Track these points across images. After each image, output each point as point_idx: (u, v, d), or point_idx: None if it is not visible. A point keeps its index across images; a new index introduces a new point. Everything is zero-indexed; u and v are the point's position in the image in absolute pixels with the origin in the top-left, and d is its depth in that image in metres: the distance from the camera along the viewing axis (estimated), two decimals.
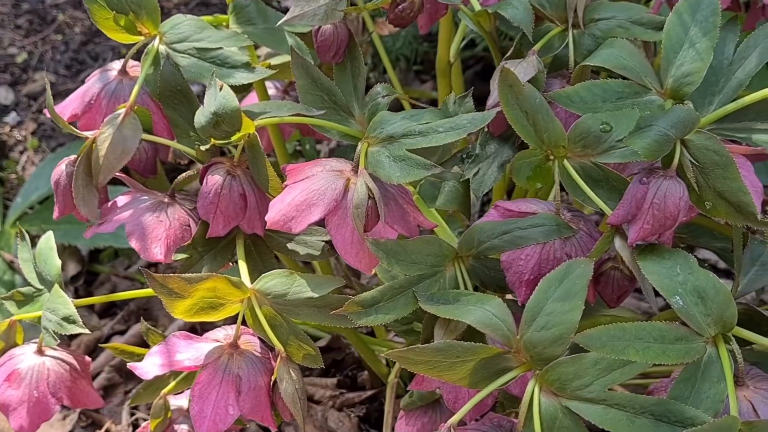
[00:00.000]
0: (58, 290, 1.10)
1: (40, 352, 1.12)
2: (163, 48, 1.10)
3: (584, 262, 0.88)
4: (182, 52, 1.10)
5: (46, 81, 1.05)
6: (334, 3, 1.04)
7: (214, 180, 1.01)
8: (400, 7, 1.07)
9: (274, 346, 0.98)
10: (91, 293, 1.81)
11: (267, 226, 0.96)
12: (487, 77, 1.11)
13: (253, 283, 0.98)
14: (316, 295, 0.95)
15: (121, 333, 1.74)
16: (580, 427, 0.84)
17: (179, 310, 0.96)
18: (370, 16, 1.53)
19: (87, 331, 1.06)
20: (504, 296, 0.97)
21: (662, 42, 1.00)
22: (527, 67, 1.00)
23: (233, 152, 1.04)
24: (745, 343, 0.90)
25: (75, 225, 1.78)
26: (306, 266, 1.47)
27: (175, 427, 1.11)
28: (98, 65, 2.16)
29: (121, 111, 1.05)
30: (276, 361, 0.97)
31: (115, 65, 1.15)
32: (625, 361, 0.84)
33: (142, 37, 1.12)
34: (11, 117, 2.14)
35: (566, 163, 0.95)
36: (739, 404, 0.86)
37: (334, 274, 1.44)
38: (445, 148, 1.08)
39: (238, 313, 0.99)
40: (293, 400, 0.95)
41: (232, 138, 0.99)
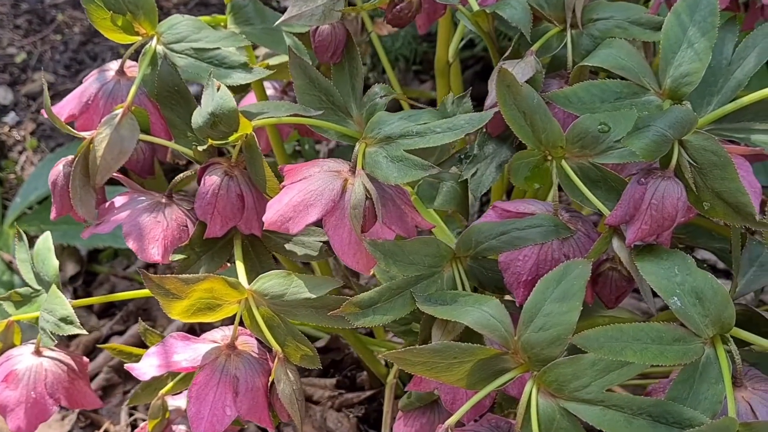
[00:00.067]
0: (55, 291, 1.09)
1: (38, 353, 1.11)
2: (160, 48, 1.10)
3: (582, 263, 0.87)
4: (180, 53, 1.09)
5: (43, 81, 1.05)
6: (331, 3, 1.04)
7: (212, 180, 1.01)
8: (398, 7, 1.07)
9: (272, 347, 0.98)
10: (90, 293, 1.81)
11: (264, 227, 0.96)
12: (486, 77, 1.11)
13: (250, 283, 0.98)
14: (314, 296, 0.95)
15: (120, 333, 1.74)
16: (578, 428, 0.84)
17: (176, 311, 0.96)
18: (368, 16, 1.53)
19: (84, 332, 1.06)
20: (502, 297, 0.97)
21: (660, 42, 0.99)
22: (525, 68, 1.00)
23: (232, 153, 1.04)
24: (743, 343, 0.89)
25: (74, 225, 1.78)
26: (305, 267, 1.47)
27: (174, 427, 1.11)
28: (97, 65, 2.16)
29: (119, 111, 1.05)
30: (273, 362, 0.97)
31: (113, 65, 1.14)
32: (623, 362, 0.83)
33: (140, 38, 1.11)
34: (10, 117, 2.14)
35: (564, 163, 0.95)
36: (737, 405, 0.86)
37: (333, 274, 1.43)
38: (443, 149, 1.08)
39: (236, 314, 0.99)
40: (291, 400, 0.95)
41: (230, 138, 0.99)
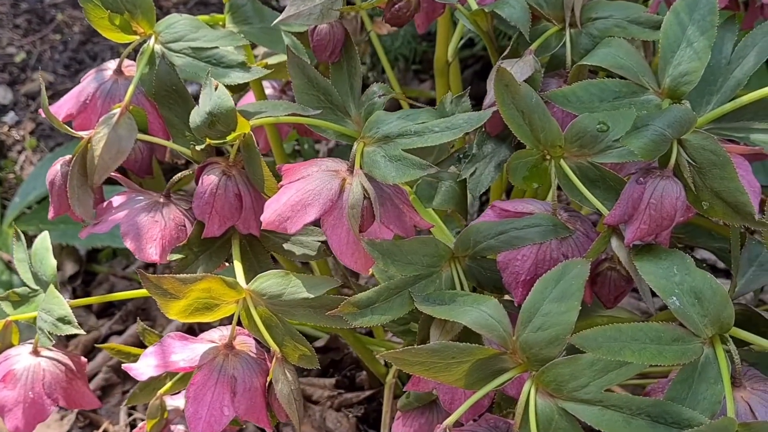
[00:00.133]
0: (53, 291, 1.09)
1: (36, 353, 1.11)
2: (158, 47, 1.10)
3: (581, 263, 0.87)
4: (177, 52, 1.09)
5: (41, 80, 1.04)
6: (329, 2, 1.04)
7: (210, 180, 1.01)
8: (396, 6, 1.07)
9: (270, 347, 0.97)
10: (89, 293, 1.81)
11: (262, 227, 0.95)
12: (485, 76, 1.10)
13: (248, 283, 0.98)
14: (312, 296, 0.95)
15: (119, 333, 1.74)
16: (577, 429, 0.84)
17: (174, 311, 0.95)
18: (368, 15, 1.52)
19: (82, 332, 1.05)
20: (501, 297, 0.97)
21: (660, 41, 0.99)
22: (524, 67, 0.99)
23: (230, 152, 1.04)
24: (743, 343, 0.89)
25: (72, 225, 1.78)
26: (304, 267, 1.46)
27: (172, 427, 1.11)
28: (97, 65, 2.15)
29: (117, 111, 1.04)
30: (272, 362, 0.97)
31: (111, 65, 1.14)
32: (622, 362, 0.83)
33: (138, 37, 1.11)
34: (9, 116, 2.13)
35: (563, 163, 0.94)
36: (736, 405, 0.85)
37: (333, 274, 1.43)
38: (442, 148, 1.08)
39: (234, 314, 0.98)
40: (289, 401, 0.95)
41: (228, 138, 0.99)
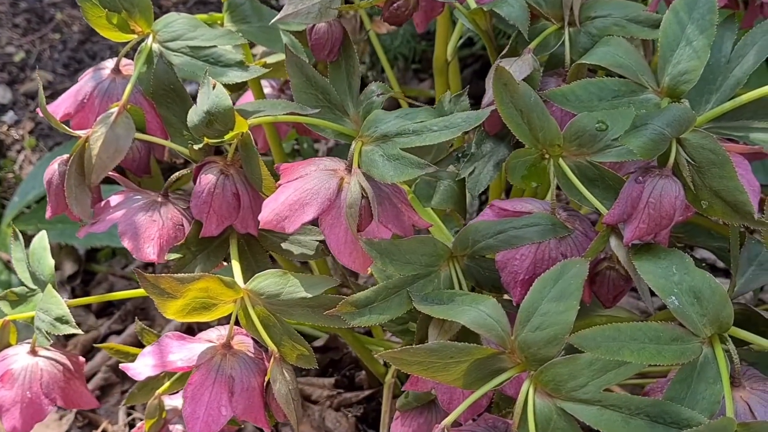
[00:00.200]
0: (51, 290, 1.09)
1: (34, 353, 1.11)
2: (156, 46, 1.09)
3: (579, 262, 0.87)
4: (175, 51, 1.09)
5: (38, 79, 1.04)
6: (327, 1, 1.03)
7: (207, 179, 1.01)
8: (394, 5, 1.06)
9: (268, 347, 0.97)
10: (89, 293, 1.81)
11: (260, 226, 0.95)
12: (485, 75, 1.10)
13: (246, 283, 0.97)
14: (310, 296, 0.95)
15: (118, 333, 1.73)
16: (575, 429, 0.84)
17: (171, 311, 0.95)
18: (367, 14, 1.52)
19: (80, 332, 1.05)
20: (500, 296, 0.97)
21: (659, 40, 0.99)
22: (522, 66, 0.99)
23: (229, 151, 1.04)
24: (742, 343, 0.89)
25: (71, 224, 1.78)
26: (303, 266, 1.46)
27: (170, 427, 1.11)
28: (96, 64, 2.16)
29: (114, 110, 1.04)
30: (269, 362, 0.97)
31: (108, 64, 1.14)
32: (621, 362, 0.83)
33: (135, 36, 1.11)
34: (9, 116, 2.13)
35: (561, 162, 0.94)
36: (736, 405, 0.85)
37: (332, 274, 1.43)
38: (441, 147, 1.07)
39: (232, 314, 0.98)
40: (286, 400, 0.95)
41: (225, 137, 0.98)
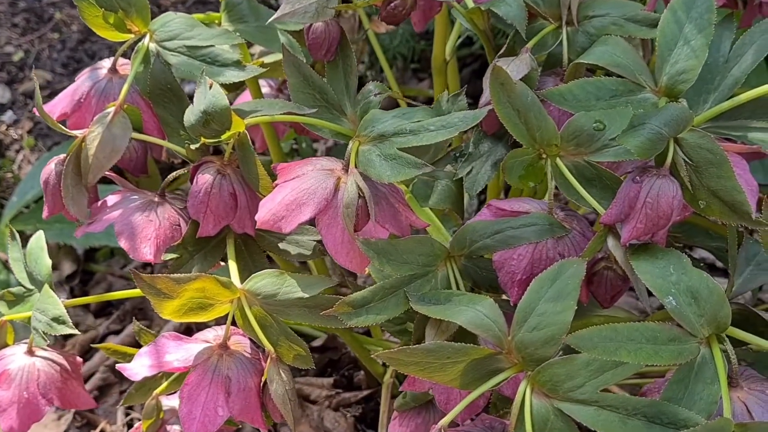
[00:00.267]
0: (48, 290, 1.09)
1: (31, 353, 1.11)
2: (153, 46, 1.09)
3: (577, 262, 0.87)
4: (172, 50, 1.09)
5: (35, 78, 1.04)
6: (325, 0, 1.03)
7: (204, 179, 1.00)
8: (392, 5, 1.06)
9: (265, 347, 0.97)
10: (87, 292, 1.81)
11: (257, 226, 0.95)
12: (484, 75, 1.10)
13: (243, 283, 0.97)
14: (307, 296, 0.95)
15: (117, 333, 1.73)
16: (572, 429, 0.83)
17: (168, 311, 0.95)
18: (365, 14, 1.52)
19: (76, 332, 1.05)
20: (497, 296, 0.96)
21: (657, 39, 0.99)
22: (520, 65, 0.99)
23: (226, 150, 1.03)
24: (740, 343, 0.89)
25: (69, 224, 1.77)
26: (302, 266, 1.46)
27: (168, 427, 1.11)
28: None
29: (111, 109, 1.04)
30: (266, 362, 0.96)
31: (105, 63, 1.14)
32: (618, 362, 0.83)
33: (132, 35, 1.11)
34: (8, 115, 2.13)
35: (559, 161, 0.94)
36: (733, 406, 0.85)
37: (330, 274, 1.43)
38: (438, 147, 1.07)
39: (228, 314, 0.98)
40: (283, 401, 0.95)
41: (222, 137, 0.98)
